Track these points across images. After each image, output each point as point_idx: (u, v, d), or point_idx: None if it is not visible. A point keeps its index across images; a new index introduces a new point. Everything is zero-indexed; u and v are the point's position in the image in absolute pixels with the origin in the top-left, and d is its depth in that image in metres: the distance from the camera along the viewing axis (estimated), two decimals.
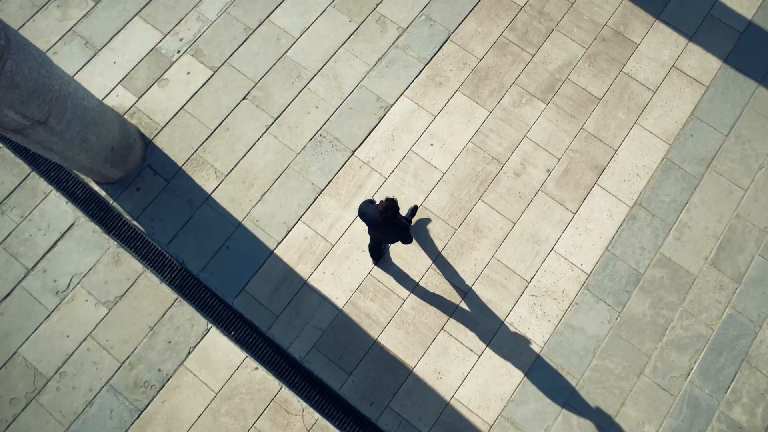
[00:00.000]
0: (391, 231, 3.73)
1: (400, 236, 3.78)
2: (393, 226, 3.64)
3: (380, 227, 3.74)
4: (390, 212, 3.46)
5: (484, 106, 5.25)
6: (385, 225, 3.65)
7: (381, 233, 3.85)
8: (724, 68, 5.41)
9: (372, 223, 3.78)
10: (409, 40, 5.45)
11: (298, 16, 5.50)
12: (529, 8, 5.60)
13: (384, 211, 3.46)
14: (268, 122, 5.17)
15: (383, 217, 3.50)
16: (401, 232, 3.73)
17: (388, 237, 3.88)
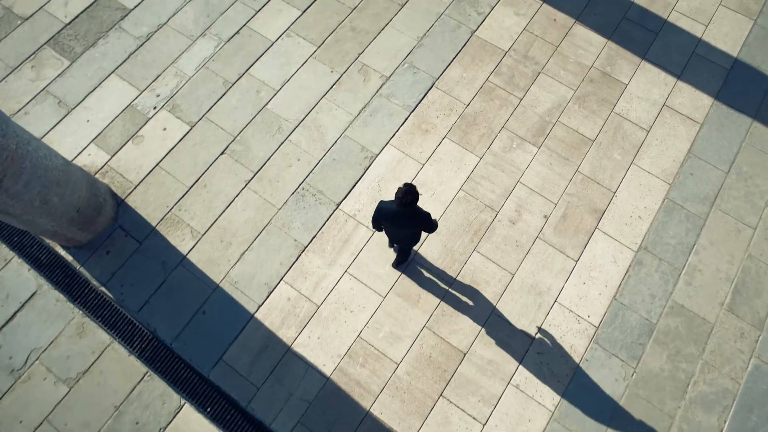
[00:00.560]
0: (411, 222, 3.46)
1: (423, 226, 3.51)
2: (413, 216, 3.41)
3: (400, 219, 3.46)
4: (410, 197, 3.18)
5: (474, 152, 5.04)
6: (404, 216, 3.40)
7: (401, 227, 3.56)
8: (716, 105, 5.28)
9: (391, 217, 3.49)
10: (392, 88, 5.31)
11: (279, 68, 5.38)
12: (514, 53, 5.52)
13: (404, 196, 3.18)
14: (248, 177, 4.91)
15: (403, 203, 3.21)
16: (424, 221, 3.47)
17: (409, 231, 3.60)
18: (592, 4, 5.81)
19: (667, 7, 5.80)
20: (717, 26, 5.70)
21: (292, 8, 5.70)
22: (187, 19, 5.61)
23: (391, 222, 3.55)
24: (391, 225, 3.60)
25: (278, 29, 5.58)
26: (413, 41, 5.57)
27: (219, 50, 5.45)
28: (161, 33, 5.53)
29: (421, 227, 3.55)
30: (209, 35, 5.52)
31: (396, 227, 3.60)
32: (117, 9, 5.65)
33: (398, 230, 3.64)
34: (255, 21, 5.61)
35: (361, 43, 5.53)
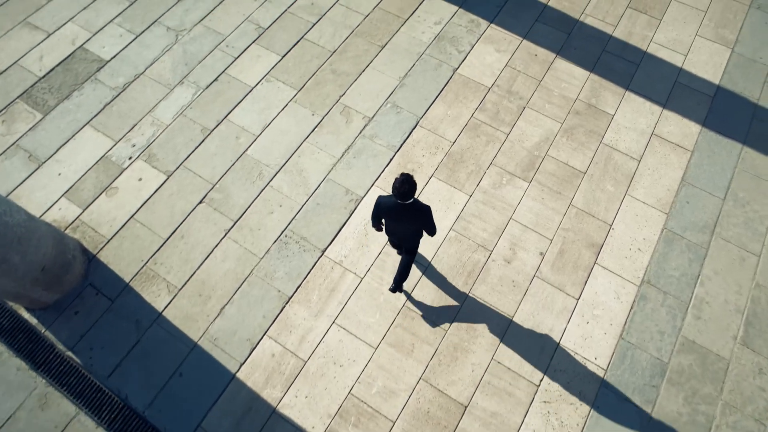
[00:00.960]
0: (410, 216, 3.40)
1: (423, 220, 3.43)
2: (412, 208, 3.35)
3: (399, 213, 3.40)
4: (407, 186, 3.15)
5: (463, 190, 4.87)
6: (404, 209, 3.35)
7: (400, 222, 3.48)
8: (705, 132, 5.21)
9: (389, 210, 3.43)
10: (376, 129, 5.19)
11: (258, 113, 5.25)
12: (497, 89, 5.47)
13: (401, 186, 3.15)
14: (228, 226, 4.67)
15: (401, 193, 3.16)
16: (423, 213, 3.39)
17: (410, 228, 3.53)
18: (571, 38, 5.83)
19: (645, 39, 5.83)
20: (696, 56, 5.72)
21: (271, 54, 5.65)
22: (164, 68, 5.52)
23: (391, 217, 3.48)
24: (390, 220, 3.53)
25: (257, 75, 5.50)
26: (395, 81, 5.50)
27: (197, 97, 5.33)
28: (138, 83, 5.42)
29: (421, 221, 3.46)
30: (187, 83, 5.42)
31: (395, 222, 3.52)
32: (93, 61, 5.55)
33: (398, 226, 3.56)
34: (233, 68, 5.54)
35: (342, 85, 5.45)
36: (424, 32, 5.86)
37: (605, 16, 6.01)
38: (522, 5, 6.09)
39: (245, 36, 5.77)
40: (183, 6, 5.98)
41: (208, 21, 5.87)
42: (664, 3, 6.13)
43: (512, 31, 5.89)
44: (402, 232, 3.64)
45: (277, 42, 5.74)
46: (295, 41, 5.75)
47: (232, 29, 5.81)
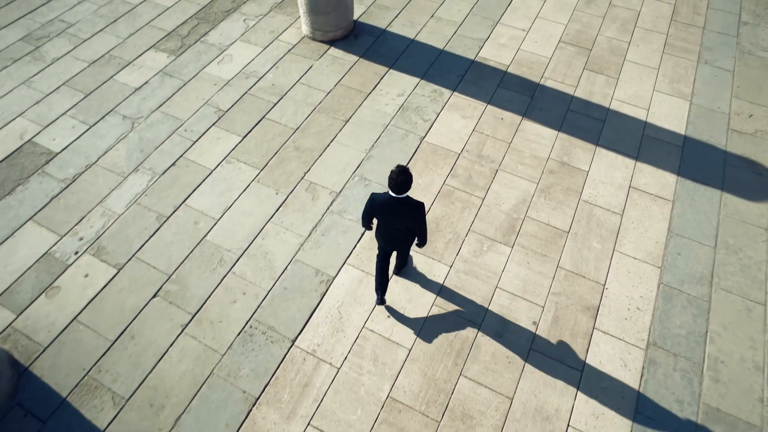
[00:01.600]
0: (405, 212, 3.45)
1: (416, 217, 3.49)
2: (407, 204, 3.42)
3: (393, 209, 3.46)
4: (404, 176, 3.24)
5: (442, 260, 4.52)
6: (398, 204, 3.41)
7: (394, 219, 3.52)
8: (681, 181, 5.09)
9: (383, 206, 3.48)
10: (344, 204, 4.91)
11: (219, 196, 4.94)
12: (467, 154, 5.33)
13: (398, 176, 3.24)
14: (185, 320, 4.16)
15: (397, 183, 3.26)
16: (417, 211, 3.46)
17: (402, 227, 3.58)
18: (535, 101, 5.85)
19: (606, 97, 5.89)
20: (657, 109, 5.77)
21: (231, 135, 5.46)
22: (118, 156, 5.24)
23: (384, 214, 3.52)
24: (383, 218, 3.56)
25: (217, 157, 5.26)
26: (361, 154, 5.32)
27: (153, 184, 5.01)
28: (89, 173, 5.10)
29: (414, 218, 3.51)
30: (142, 170, 5.13)
31: (389, 218, 3.54)
32: (42, 154, 5.25)
33: (391, 223, 3.58)
34: (192, 151, 5.30)
35: (307, 162, 5.24)
36: (387, 104, 5.81)
37: (564, 79, 6.11)
38: (482, 74, 6.17)
39: (204, 119, 5.60)
40: (140, 95, 5.84)
41: (166, 107, 5.71)
42: (618, 64, 6.30)
43: (476, 97, 5.90)
44: (394, 232, 3.65)
45: (238, 123, 5.58)
46: (256, 121, 5.60)
47: (190, 114, 5.66)
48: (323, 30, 6.40)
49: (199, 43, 6.49)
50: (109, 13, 6.90)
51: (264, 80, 6.04)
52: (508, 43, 6.58)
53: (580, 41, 6.60)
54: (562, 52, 6.46)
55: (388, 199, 3.43)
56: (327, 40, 6.53)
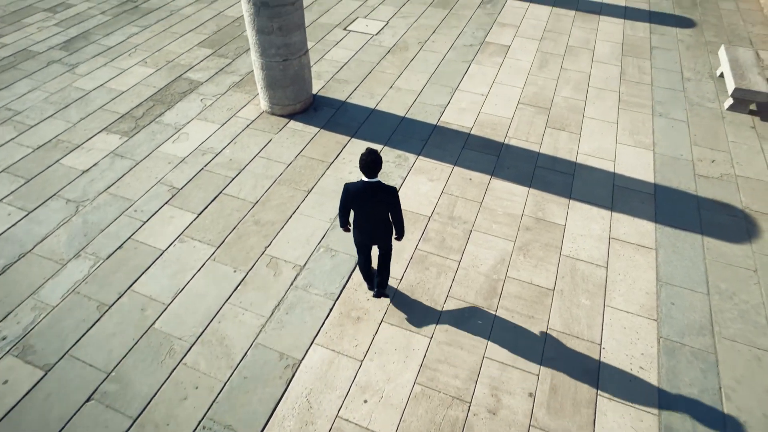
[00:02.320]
0: (379, 197, 3.54)
1: (390, 201, 3.57)
2: (380, 189, 3.52)
3: (367, 195, 3.54)
4: (374, 155, 3.39)
5: (421, 332, 4.08)
6: (372, 189, 3.51)
7: (370, 206, 3.60)
8: (660, 228, 4.91)
9: (357, 194, 3.57)
10: (310, 278, 4.49)
11: (170, 279, 4.45)
12: (438, 216, 5.07)
13: (368, 156, 3.38)
14: (124, 426, 3.50)
15: (368, 162, 3.38)
16: (390, 193, 3.55)
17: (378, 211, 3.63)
18: (502, 159, 5.76)
19: (572, 152, 5.86)
20: (623, 159, 5.75)
21: (185, 213, 5.08)
22: (58, 242, 4.75)
23: (359, 201, 3.59)
24: (359, 205, 3.63)
25: (169, 237, 4.83)
26: (326, 224, 5.00)
27: (95, 270, 4.50)
28: (22, 263, 4.57)
29: (389, 202, 3.58)
30: (84, 255, 4.63)
31: (365, 205, 3.61)
32: None
33: (368, 210, 3.64)
34: (141, 232, 4.87)
35: (267, 236, 4.87)
36: (351, 172, 5.60)
37: (528, 137, 6.10)
38: (445, 137, 6.11)
39: (157, 198, 5.24)
40: (88, 177, 5.48)
41: (115, 188, 5.35)
42: (578, 120, 6.37)
43: (442, 160, 5.77)
44: (372, 222, 3.70)
45: (193, 200, 5.23)
46: (213, 197, 5.27)
47: (142, 194, 5.29)
48: (282, 104, 6.32)
49: (153, 123, 6.29)
50: (60, 100, 6.70)
51: (221, 156, 5.80)
52: (468, 107, 6.63)
53: (539, 102, 6.71)
54: (523, 112, 6.52)
55: (362, 185, 3.53)
56: (286, 114, 6.43)
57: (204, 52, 7.80)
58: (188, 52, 7.80)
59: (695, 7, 9.28)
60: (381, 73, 7.28)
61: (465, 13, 9.03)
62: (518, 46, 8.00)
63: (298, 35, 5.81)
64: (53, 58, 7.61)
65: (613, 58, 7.68)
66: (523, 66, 7.49)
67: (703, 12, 9.09)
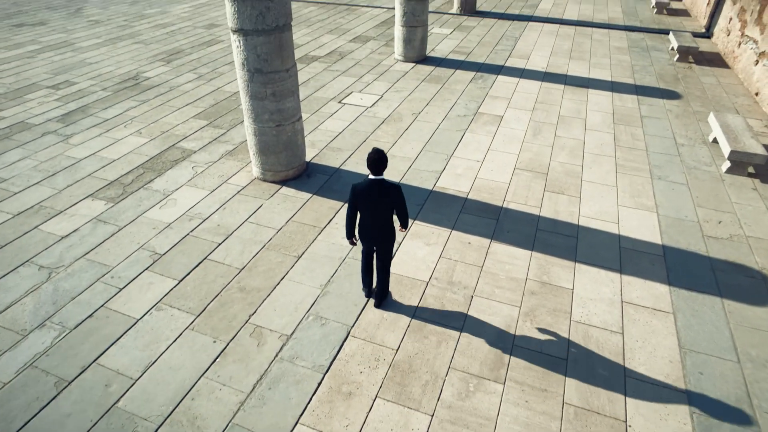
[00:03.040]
0: (385, 194, 3.77)
1: (395, 196, 3.80)
2: (386, 186, 3.76)
3: (373, 193, 3.77)
4: (380, 154, 3.67)
5: (421, 409, 3.60)
6: (378, 186, 3.74)
7: (375, 202, 3.81)
8: (675, 291, 4.58)
9: (363, 192, 3.79)
10: (297, 348, 4.07)
11: (141, 350, 4.02)
12: (437, 281, 4.74)
13: (374, 153, 3.67)
14: None
15: (374, 160, 3.67)
16: (396, 189, 3.79)
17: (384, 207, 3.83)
18: (501, 223, 5.54)
19: (573, 215, 5.66)
20: (627, 222, 5.54)
21: (166, 279, 4.74)
22: (23, 311, 4.35)
23: (365, 198, 3.80)
24: (365, 203, 3.82)
25: (146, 304, 4.46)
26: (316, 290, 4.65)
27: (59, 341, 4.07)
28: None
29: (394, 198, 3.81)
30: (49, 325, 4.22)
31: (372, 203, 3.81)
32: None
33: (373, 207, 3.83)
34: (116, 300, 4.50)
35: (252, 303, 4.50)
36: (344, 237, 5.35)
37: (527, 200, 5.93)
38: (441, 201, 5.94)
39: (136, 264, 4.92)
40: (66, 243, 5.19)
41: (94, 254, 5.04)
42: (576, 184, 6.25)
43: (439, 224, 5.55)
44: (377, 222, 3.90)
45: (175, 266, 4.91)
46: (197, 263, 4.96)
47: (121, 259, 4.98)
48: (274, 170, 6.21)
49: (141, 189, 6.12)
50: (50, 167, 6.59)
51: (209, 221, 5.57)
52: (464, 173, 6.53)
53: (535, 167, 6.64)
54: (520, 177, 6.42)
55: (369, 182, 3.77)
56: (278, 181, 6.30)
57: (199, 124, 7.85)
58: (183, 123, 7.86)
59: (678, 81, 9.61)
60: (375, 142, 7.28)
61: (457, 88, 9.29)
62: (511, 116, 8.12)
63: (291, 101, 5.83)
64: (49, 129, 7.63)
65: (605, 127, 7.76)
66: (517, 134, 7.53)
67: (687, 86, 9.39)
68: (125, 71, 10.10)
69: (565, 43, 11.99)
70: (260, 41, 5.23)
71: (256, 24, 5.13)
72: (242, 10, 5.07)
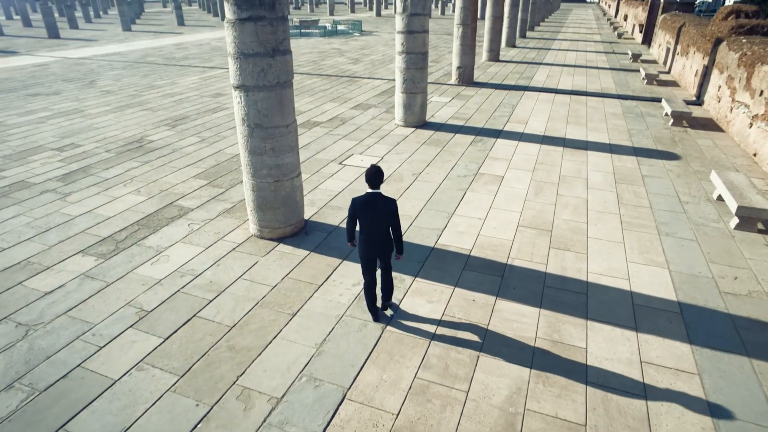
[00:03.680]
0: (382, 206, 4.17)
1: (391, 209, 4.20)
2: (383, 199, 4.18)
3: (371, 205, 4.17)
4: (376, 168, 4.15)
5: None
6: (375, 199, 4.17)
7: (374, 213, 4.18)
8: (698, 350, 4.25)
9: (363, 204, 4.19)
10: (287, 413, 3.69)
11: (116, 414, 3.64)
12: (440, 340, 4.43)
13: (371, 169, 4.14)
14: None
15: (371, 175, 4.13)
16: (391, 202, 4.21)
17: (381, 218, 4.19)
18: (506, 280, 5.30)
19: (581, 271, 5.43)
20: (638, 278, 5.30)
21: (150, 337, 4.43)
22: None
23: (364, 209, 4.19)
24: (364, 214, 4.19)
25: (126, 364, 4.12)
26: (310, 350, 4.33)
27: (26, 404, 3.71)
28: None
29: (390, 210, 4.20)
30: (18, 387, 3.87)
31: (369, 213, 4.18)
32: None
33: (371, 218, 4.19)
34: (94, 360, 4.17)
35: (242, 363, 4.16)
36: (342, 294, 5.09)
37: (532, 257, 5.72)
38: (443, 258, 5.73)
39: (121, 321, 4.63)
40: (49, 299, 4.93)
41: (76, 311, 4.77)
42: (582, 241, 6.07)
43: (441, 281, 5.30)
44: (376, 232, 4.25)
45: (162, 324, 4.62)
46: (185, 320, 4.67)
47: (105, 316, 4.70)
48: (271, 227, 6.06)
49: (134, 246, 5.95)
50: (43, 224, 6.46)
51: (201, 278, 5.34)
52: (466, 230, 6.38)
53: (539, 224, 6.49)
54: (523, 234, 6.25)
55: (367, 196, 4.20)
56: (276, 238, 6.14)
57: (199, 183, 7.83)
58: (183, 182, 7.84)
59: (675, 143, 9.72)
60: None
61: (457, 150, 9.39)
62: (512, 176, 8.11)
63: (290, 157, 5.81)
64: (48, 188, 7.60)
65: (607, 185, 7.71)
66: (518, 193, 7.47)
67: (684, 147, 9.48)
68: (130, 135, 10.29)
69: (562, 110, 12.32)
70: (261, 96, 5.29)
71: (258, 80, 5.21)
72: (244, 67, 5.17)
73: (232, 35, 5.07)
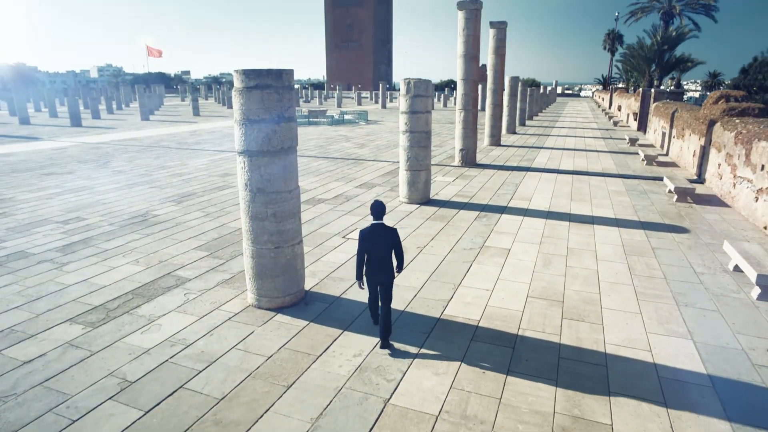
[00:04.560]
0: (386, 235, 4.81)
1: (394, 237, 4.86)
2: (386, 228, 4.84)
3: (376, 234, 4.79)
4: (379, 202, 4.90)
5: None
6: (380, 229, 4.80)
7: (379, 243, 4.79)
8: (740, 429, 3.79)
9: (370, 234, 4.80)
10: None
11: None
12: (447, 416, 4.00)
13: (375, 203, 4.87)
14: None
15: (375, 206, 4.83)
16: (394, 231, 4.90)
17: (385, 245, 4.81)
18: (518, 351, 4.93)
19: (598, 342, 5.06)
20: (661, 350, 4.91)
21: (130, 410, 4.04)
22: None
23: (372, 239, 4.78)
24: (371, 242, 4.78)
25: None
26: (305, 425, 3.91)
27: None
28: None
29: (393, 238, 4.86)
30: None
31: (375, 241, 4.78)
32: None
33: (377, 245, 4.78)
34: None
35: None
36: (341, 365, 4.73)
37: (544, 328, 5.38)
38: (451, 330, 5.40)
39: (100, 393, 4.25)
40: (26, 369, 4.59)
41: (54, 382, 4.41)
42: (596, 312, 5.75)
43: (448, 352, 4.95)
44: (381, 259, 4.79)
45: (144, 396, 4.23)
46: (170, 392, 4.29)
47: (84, 387, 4.33)
48: (270, 296, 5.81)
49: (126, 315, 5.67)
50: (35, 293, 6.24)
51: (192, 347, 5.00)
52: (474, 301, 6.09)
53: (549, 295, 6.20)
54: (533, 305, 5.95)
55: (372, 226, 4.80)
56: (274, 308, 5.86)
57: (199, 254, 7.69)
58: (183, 254, 7.70)
59: (682, 218, 9.62)
60: None
61: (462, 225, 9.31)
62: (519, 249, 7.93)
63: (292, 223, 5.71)
64: (45, 258, 7.47)
65: (617, 257, 7.49)
66: (526, 265, 7.25)
67: (692, 221, 9.37)
68: (135, 209, 10.36)
69: (565, 188, 12.43)
70: (264, 161, 5.32)
71: (262, 146, 5.27)
72: (249, 133, 5.25)
73: (239, 102, 5.21)
